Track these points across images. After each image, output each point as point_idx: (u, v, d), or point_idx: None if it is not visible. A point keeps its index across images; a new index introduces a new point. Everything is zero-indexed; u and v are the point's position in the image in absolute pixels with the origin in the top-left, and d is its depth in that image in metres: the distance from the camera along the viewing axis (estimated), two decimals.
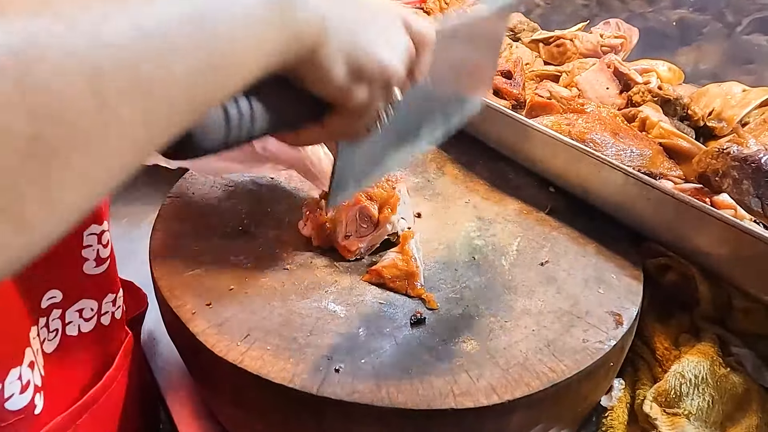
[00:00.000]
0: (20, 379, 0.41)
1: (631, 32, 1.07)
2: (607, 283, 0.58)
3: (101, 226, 0.48)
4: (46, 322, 0.45)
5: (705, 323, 0.62)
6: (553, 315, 0.53)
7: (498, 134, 0.76)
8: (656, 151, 0.75)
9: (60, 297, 0.46)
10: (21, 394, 0.41)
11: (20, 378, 0.41)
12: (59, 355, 0.46)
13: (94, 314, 0.49)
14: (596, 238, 0.65)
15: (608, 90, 0.89)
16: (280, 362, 0.47)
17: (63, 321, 0.47)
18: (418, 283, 0.55)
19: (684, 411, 0.54)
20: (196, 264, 0.57)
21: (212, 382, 0.53)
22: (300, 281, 0.56)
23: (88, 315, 0.49)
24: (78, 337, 0.48)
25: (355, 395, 0.44)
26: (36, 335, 0.44)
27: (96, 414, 0.49)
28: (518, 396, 0.45)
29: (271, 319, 0.51)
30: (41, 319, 0.44)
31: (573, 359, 0.49)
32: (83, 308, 0.48)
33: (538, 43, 1.11)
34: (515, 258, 0.61)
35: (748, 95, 0.88)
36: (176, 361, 0.63)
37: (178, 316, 0.51)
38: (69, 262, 0.46)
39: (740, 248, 0.54)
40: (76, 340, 0.48)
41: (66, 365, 0.47)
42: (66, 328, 0.47)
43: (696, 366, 0.55)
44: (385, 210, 0.58)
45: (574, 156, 0.66)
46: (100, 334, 0.50)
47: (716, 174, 0.64)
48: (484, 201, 0.71)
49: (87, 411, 0.48)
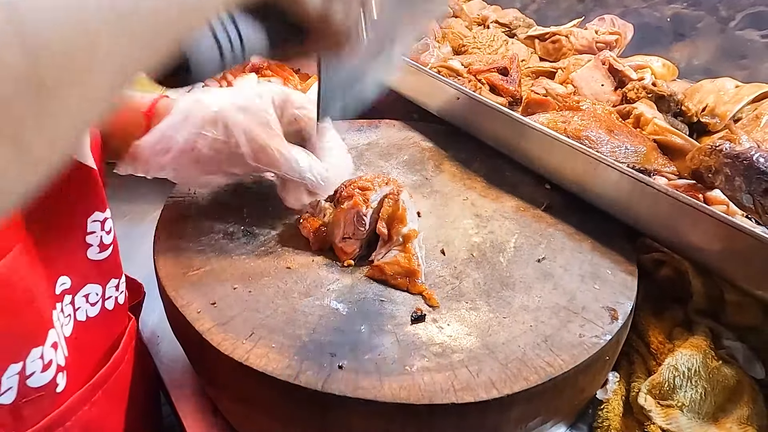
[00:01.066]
0: (42, 358, 0.43)
1: (625, 28, 1.08)
2: (602, 279, 0.59)
3: (104, 213, 0.50)
4: (61, 308, 0.47)
5: (698, 317, 0.63)
6: (550, 311, 0.55)
7: (495, 132, 0.77)
8: (650, 148, 0.76)
9: (69, 283, 0.48)
10: (42, 372, 0.43)
11: (42, 357, 0.43)
12: (74, 338, 0.49)
13: (99, 299, 0.52)
14: (592, 234, 0.66)
15: (603, 87, 0.90)
16: (284, 360, 0.48)
17: (73, 306, 0.49)
18: (419, 281, 0.56)
19: (677, 403, 0.55)
20: (199, 264, 0.58)
21: (218, 379, 0.54)
22: (302, 279, 0.57)
23: (94, 300, 0.51)
24: (86, 321, 0.51)
25: (359, 391, 0.46)
26: (58, 318, 0.46)
27: (108, 392, 0.52)
28: (517, 390, 0.46)
29: (275, 317, 0.52)
30: (57, 304, 0.47)
31: (570, 354, 0.50)
32: (89, 293, 0.51)
33: (533, 40, 1.12)
34: (513, 255, 0.62)
35: (741, 91, 0.89)
36: (181, 357, 0.64)
37: (183, 315, 0.52)
38: (75, 248, 0.48)
39: (732, 244, 0.55)
40: (86, 324, 0.51)
41: (80, 347, 0.49)
42: (76, 313, 0.50)
43: (689, 359, 0.56)
44: (396, 225, 0.58)
45: (569, 153, 0.67)
46: (106, 318, 0.53)
47: (709, 171, 0.65)
48: (481, 198, 0.72)
49: (100, 389, 0.51)
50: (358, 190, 0.59)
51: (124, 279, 0.56)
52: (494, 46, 1.10)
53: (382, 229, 0.58)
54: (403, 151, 0.83)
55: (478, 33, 1.14)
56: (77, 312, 0.50)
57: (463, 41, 1.12)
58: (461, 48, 1.11)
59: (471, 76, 0.94)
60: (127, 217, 0.92)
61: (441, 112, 0.85)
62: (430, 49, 1.03)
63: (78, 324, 0.50)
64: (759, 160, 0.60)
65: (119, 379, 0.54)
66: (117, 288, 0.54)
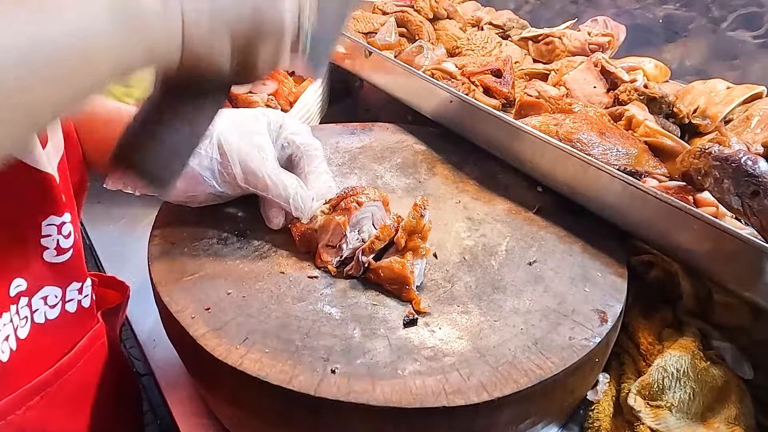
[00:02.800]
0: None
1: (618, 30, 1.09)
2: (592, 281, 0.60)
3: (61, 217, 0.51)
4: (16, 310, 0.48)
5: (687, 317, 0.64)
6: (541, 313, 0.55)
7: (487, 135, 0.78)
8: (642, 150, 0.77)
9: (25, 285, 0.49)
10: None
11: None
12: (30, 340, 0.49)
13: (58, 301, 0.52)
14: (583, 236, 0.67)
15: (595, 89, 0.91)
16: (278, 364, 0.48)
17: (30, 308, 0.50)
18: (411, 288, 0.56)
19: (666, 403, 0.56)
20: (194, 269, 0.59)
21: (212, 383, 0.55)
22: (296, 284, 0.58)
23: (53, 302, 0.52)
24: (45, 323, 0.51)
25: (351, 395, 0.46)
26: (8, 321, 0.47)
27: (50, 398, 0.52)
28: (507, 393, 0.47)
29: (269, 322, 0.53)
30: (12, 306, 0.47)
31: (560, 356, 0.51)
32: (47, 295, 0.51)
33: (527, 41, 1.13)
34: (504, 258, 0.63)
35: (731, 92, 0.90)
36: (176, 361, 0.64)
37: (178, 320, 0.52)
38: (29, 251, 0.49)
39: (720, 246, 0.56)
40: (44, 327, 0.51)
41: (36, 350, 0.50)
42: (34, 315, 0.50)
43: (678, 360, 0.57)
44: (416, 238, 0.59)
45: (561, 157, 0.68)
46: (67, 321, 0.53)
47: (698, 173, 0.65)
48: (474, 201, 0.73)
49: (39, 394, 0.50)
50: (355, 203, 0.60)
51: (90, 282, 0.56)
52: (488, 48, 1.10)
53: (401, 240, 0.58)
54: (397, 154, 0.83)
55: (472, 35, 1.15)
56: (35, 314, 0.50)
57: (457, 43, 1.12)
58: (455, 50, 1.12)
59: (465, 78, 0.94)
60: (123, 221, 0.93)
61: (434, 115, 0.85)
62: (424, 51, 1.03)
63: (36, 326, 0.50)
64: (747, 163, 0.61)
65: (66, 385, 0.53)
66: (80, 291, 0.55)
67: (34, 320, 0.50)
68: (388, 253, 0.60)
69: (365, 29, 1.16)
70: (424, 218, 0.59)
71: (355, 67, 1.01)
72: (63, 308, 0.53)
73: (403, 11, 1.19)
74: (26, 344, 0.49)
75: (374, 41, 1.12)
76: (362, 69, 0.99)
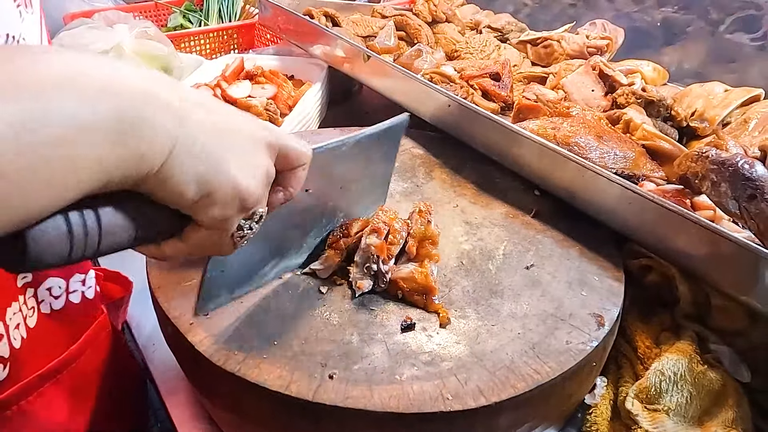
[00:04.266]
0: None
1: (616, 32, 1.09)
2: (589, 286, 0.60)
3: None
4: (24, 300, 0.50)
5: (685, 321, 0.64)
6: (538, 318, 0.56)
7: (485, 139, 0.78)
8: (639, 153, 0.77)
9: (30, 276, 0.51)
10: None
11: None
12: (39, 329, 0.52)
13: (62, 292, 0.55)
14: (580, 240, 0.67)
15: (593, 92, 0.91)
16: (276, 370, 0.49)
17: (36, 299, 0.52)
18: (436, 299, 0.56)
19: (664, 407, 0.56)
20: (193, 274, 0.59)
21: (211, 389, 0.55)
22: (294, 290, 0.58)
23: (57, 293, 0.54)
24: (51, 314, 0.54)
25: (349, 401, 0.46)
26: (18, 310, 0.49)
27: (60, 385, 0.54)
28: (505, 398, 0.47)
29: (267, 327, 0.53)
30: (20, 297, 0.50)
31: (557, 361, 0.51)
32: (51, 286, 0.54)
33: (525, 44, 1.13)
34: (501, 262, 0.63)
35: (729, 95, 0.90)
36: (175, 365, 0.64)
37: (176, 327, 0.53)
38: None
39: (717, 250, 0.56)
40: (51, 316, 0.53)
41: (45, 338, 0.52)
42: (40, 306, 0.53)
43: (675, 364, 0.57)
44: (426, 245, 0.59)
45: (558, 161, 0.68)
46: (72, 311, 0.56)
47: (696, 176, 0.66)
48: (471, 205, 0.73)
49: (49, 381, 0.53)
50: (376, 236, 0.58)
51: (93, 274, 0.58)
52: (486, 51, 1.11)
53: (412, 248, 0.58)
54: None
55: (470, 38, 1.15)
56: (41, 304, 0.53)
57: (456, 46, 1.13)
58: (454, 53, 1.12)
59: (463, 81, 0.95)
60: None
61: (432, 119, 0.86)
62: (423, 55, 1.04)
63: (42, 316, 0.53)
64: (744, 166, 0.61)
65: (74, 373, 0.56)
66: (83, 283, 0.57)
67: (40, 310, 0.52)
68: (399, 262, 0.60)
69: (364, 33, 1.17)
70: (431, 224, 0.59)
71: (353, 70, 1.01)
72: (67, 299, 0.55)
73: (402, 15, 1.20)
74: (36, 333, 0.51)
75: (373, 45, 1.12)
76: (361, 73, 0.99)
